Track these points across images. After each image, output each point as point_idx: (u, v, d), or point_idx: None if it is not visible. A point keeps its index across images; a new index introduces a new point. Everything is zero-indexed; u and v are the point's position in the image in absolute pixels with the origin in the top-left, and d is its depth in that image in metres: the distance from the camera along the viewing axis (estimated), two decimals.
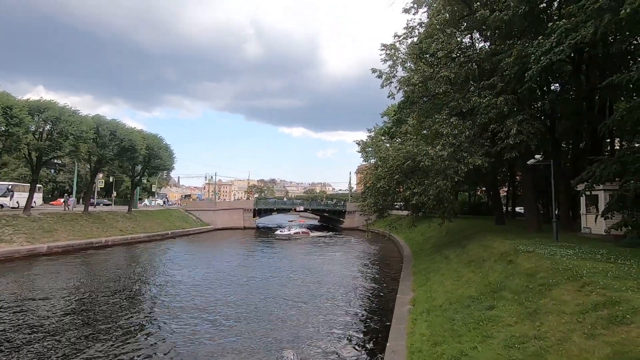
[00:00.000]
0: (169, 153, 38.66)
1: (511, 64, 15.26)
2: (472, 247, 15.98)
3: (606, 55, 17.41)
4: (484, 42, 22.23)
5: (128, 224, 33.94)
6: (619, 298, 6.02)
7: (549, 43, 13.20)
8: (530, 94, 17.92)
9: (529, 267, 9.58)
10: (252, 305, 13.87)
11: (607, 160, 13.82)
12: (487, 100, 16.27)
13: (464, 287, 11.12)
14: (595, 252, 10.56)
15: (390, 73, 21.35)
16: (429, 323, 9.14)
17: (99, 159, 31.49)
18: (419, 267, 17.72)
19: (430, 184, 17.22)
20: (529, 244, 12.32)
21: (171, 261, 23.77)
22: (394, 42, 21.37)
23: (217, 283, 17.60)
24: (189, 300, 14.29)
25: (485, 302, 8.94)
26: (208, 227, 46.85)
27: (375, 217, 25.24)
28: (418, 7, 20.77)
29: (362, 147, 55.83)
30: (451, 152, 16.52)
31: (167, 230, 37.54)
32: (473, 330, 7.56)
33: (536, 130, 16.48)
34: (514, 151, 16.41)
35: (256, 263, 24.56)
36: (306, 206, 63.33)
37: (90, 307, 13.12)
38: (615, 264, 8.78)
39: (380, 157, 23.74)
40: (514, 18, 16.04)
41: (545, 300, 7.38)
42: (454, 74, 17.85)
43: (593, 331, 5.50)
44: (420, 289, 13.17)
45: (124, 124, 32.34)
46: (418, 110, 22.83)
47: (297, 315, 12.91)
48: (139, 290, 16.24)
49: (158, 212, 42.95)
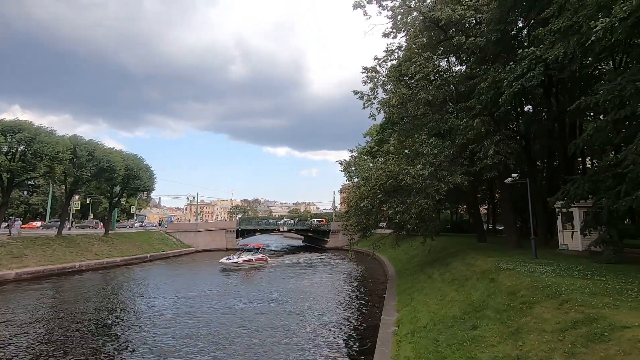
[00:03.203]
0: (149, 174, 37.92)
1: (486, 88, 15.91)
2: (455, 265, 16.06)
3: (574, 79, 18.41)
4: (460, 65, 23.21)
5: (104, 247, 32.66)
6: (596, 315, 6.09)
7: (520, 69, 13.91)
8: (506, 115, 18.63)
9: (510, 285, 9.65)
10: (230, 335, 13.00)
11: (580, 179, 14.38)
12: (464, 122, 16.82)
13: (447, 307, 11.08)
14: (573, 268, 10.76)
15: (371, 95, 21.87)
16: (414, 345, 9.01)
17: (75, 180, 30.50)
18: (403, 287, 17.62)
19: (412, 202, 17.41)
20: (509, 262, 12.47)
21: (146, 287, 22.42)
22: (374, 65, 22.00)
23: (191, 312, 16.11)
24: (159, 335, 12.92)
25: (468, 322, 8.90)
26: (189, 249, 45.58)
27: (359, 237, 25.17)
28: (397, 32, 21.56)
29: (345, 167, 56.34)
30: (432, 171, 16.85)
31: (146, 254, 36.28)
32: (457, 352, 7.48)
33: (512, 150, 17.08)
34: (493, 171, 16.89)
35: (236, 288, 23.35)
36: (290, 226, 62.74)
37: (50, 337, 12.33)
38: (592, 280, 8.95)
39: (363, 176, 23.99)
40: (488, 44, 16.88)
41: (526, 318, 7.41)
42: (432, 96, 18.46)
43: (573, 350, 5.52)
44: (404, 310, 13.04)
45: (102, 144, 31.67)
46: (399, 131, 23.34)
47: (279, 341, 12.49)
48: (105, 319, 14.87)
49: (137, 235, 41.60)
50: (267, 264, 34.24)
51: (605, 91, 11.36)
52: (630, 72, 11.23)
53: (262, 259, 34.68)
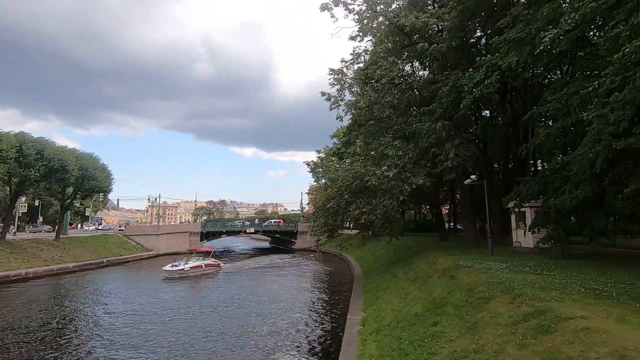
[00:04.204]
0: (105, 174, 35.87)
1: (447, 93, 16.60)
2: (418, 264, 16.57)
3: (526, 87, 19.68)
4: (424, 70, 24.04)
5: (55, 252, 30.45)
6: (545, 308, 6.51)
7: (478, 75, 14.66)
8: (465, 119, 19.54)
9: (468, 282, 10.09)
10: (188, 344, 12.39)
11: (531, 180, 15.40)
12: (427, 126, 17.45)
13: (410, 305, 11.39)
14: (525, 264, 11.48)
15: (338, 96, 22.11)
16: (378, 343, 9.17)
17: (21, 181, 28.21)
18: (369, 286, 17.92)
19: (378, 203, 17.76)
20: (468, 259, 13.06)
21: (99, 294, 20.91)
22: (341, 67, 22.25)
23: (148, 320, 15.34)
24: (109, 347, 12.15)
25: (430, 319, 9.20)
26: (150, 253, 43.58)
27: (326, 237, 25.29)
28: (363, 35, 21.95)
29: (313, 168, 56.49)
30: (396, 173, 17.29)
31: (102, 258, 34.26)
32: (419, 348, 7.70)
33: (471, 153, 17.92)
34: (453, 173, 17.63)
35: (197, 292, 22.60)
36: (257, 227, 61.85)
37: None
38: (541, 275, 9.57)
39: (330, 177, 24.10)
40: (449, 50, 17.64)
41: (483, 313, 7.77)
42: (397, 100, 18.97)
43: (524, 341, 5.85)
44: (370, 309, 13.25)
45: (53, 142, 29.57)
46: (365, 133, 23.74)
47: (244, 345, 12.25)
48: (46, 331, 13.73)
49: (92, 238, 39.19)
50: (220, 270, 31.04)
51: (555, 100, 12.24)
52: (574, 84, 12.20)
53: (213, 264, 31.27)
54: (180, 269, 27.75)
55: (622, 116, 7.97)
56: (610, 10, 8.24)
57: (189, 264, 28.88)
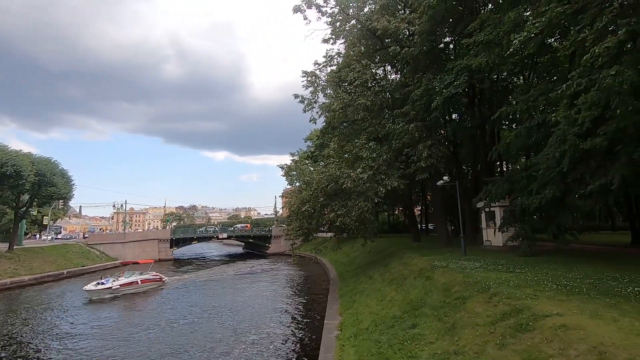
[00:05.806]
0: (66, 179, 33.69)
1: (420, 95, 16.87)
2: (393, 265, 16.62)
3: (492, 91, 20.42)
4: (396, 74, 24.37)
5: (8, 265, 28.15)
6: (521, 306, 6.57)
7: (449, 77, 15.04)
8: (436, 122, 19.94)
9: (444, 282, 10.15)
10: (157, 357, 11.81)
11: (500, 180, 15.89)
12: (400, 127, 17.63)
13: (388, 307, 11.32)
14: (497, 263, 11.71)
15: (312, 99, 21.98)
16: (357, 348, 8.99)
17: None
18: (345, 290, 17.78)
19: (353, 205, 17.71)
20: (442, 260, 13.20)
21: (55, 310, 19.34)
22: (314, 70, 22.17)
23: (108, 336, 14.20)
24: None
25: (408, 321, 9.13)
26: (115, 262, 41.35)
27: (301, 241, 24.96)
28: (336, 38, 21.97)
29: (287, 171, 56.04)
30: (371, 175, 17.31)
31: (62, 270, 32.10)
32: (399, 352, 7.59)
33: (443, 154, 18.29)
34: (425, 173, 17.89)
35: (163, 303, 21.02)
36: (230, 233, 60.44)
37: None
38: (514, 273, 9.77)
39: (304, 180, 23.84)
40: (420, 54, 17.95)
41: (461, 314, 7.78)
42: (370, 102, 19.06)
43: (504, 341, 5.86)
44: (347, 313, 13.08)
45: (6, 146, 27.47)
46: (339, 135, 23.72)
47: (217, 357, 11.71)
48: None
49: (51, 249, 36.66)
50: (164, 285, 26.57)
51: (521, 102, 12.68)
52: (538, 89, 12.74)
53: (153, 279, 26.39)
54: (107, 287, 22.75)
55: (588, 117, 8.30)
56: (575, 15, 8.61)
57: (119, 280, 24.06)
